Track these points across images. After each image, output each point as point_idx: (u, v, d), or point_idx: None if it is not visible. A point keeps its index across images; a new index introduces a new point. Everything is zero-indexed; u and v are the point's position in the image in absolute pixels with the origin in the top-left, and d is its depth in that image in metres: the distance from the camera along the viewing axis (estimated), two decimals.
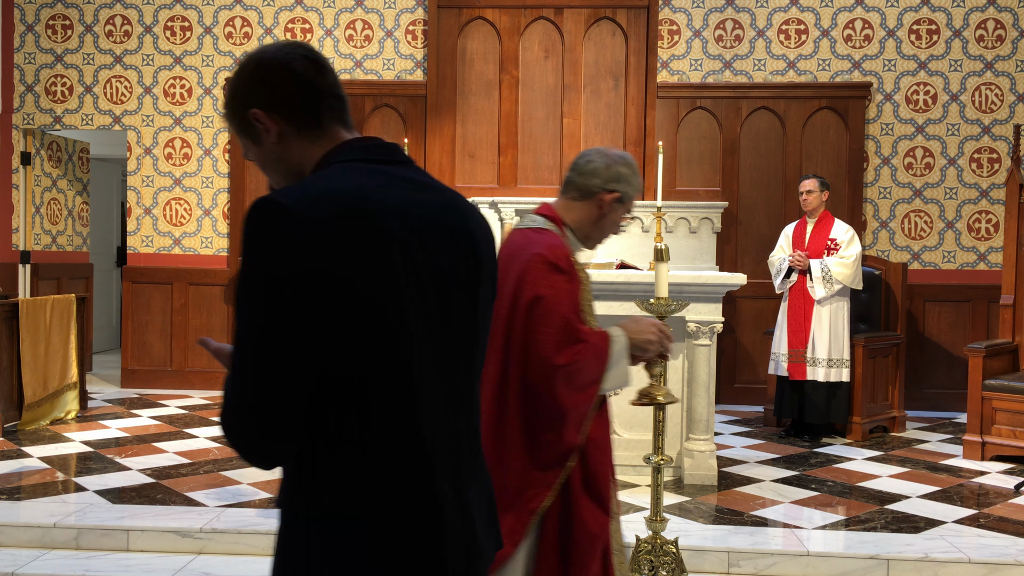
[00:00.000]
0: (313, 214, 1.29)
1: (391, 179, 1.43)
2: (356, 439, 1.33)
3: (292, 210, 1.29)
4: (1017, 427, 5.60)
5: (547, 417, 2.33)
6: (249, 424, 1.30)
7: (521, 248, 2.40)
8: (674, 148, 7.68)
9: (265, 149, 1.49)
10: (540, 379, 2.29)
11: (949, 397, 7.38)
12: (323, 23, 7.92)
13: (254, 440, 1.31)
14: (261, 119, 1.47)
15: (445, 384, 1.42)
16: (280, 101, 1.47)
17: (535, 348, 2.29)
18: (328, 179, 1.38)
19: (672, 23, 7.74)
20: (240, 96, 1.51)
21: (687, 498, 4.61)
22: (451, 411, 1.43)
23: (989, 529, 4.17)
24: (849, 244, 6.17)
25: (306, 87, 1.47)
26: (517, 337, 2.32)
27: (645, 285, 4.83)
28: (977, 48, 7.56)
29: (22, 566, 3.65)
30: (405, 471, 1.36)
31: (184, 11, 7.98)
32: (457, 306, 1.45)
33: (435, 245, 1.41)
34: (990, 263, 7.56)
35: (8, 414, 6.02)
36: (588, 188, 2.50)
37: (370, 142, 1.48)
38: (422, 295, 1.37)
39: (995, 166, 7.55)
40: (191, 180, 8.00)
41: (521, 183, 7.79)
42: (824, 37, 7.67)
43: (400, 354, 1.34)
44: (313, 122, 1.47)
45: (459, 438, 1.45)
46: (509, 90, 7.81)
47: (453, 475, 1.42)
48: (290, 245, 1.28)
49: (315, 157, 1.47)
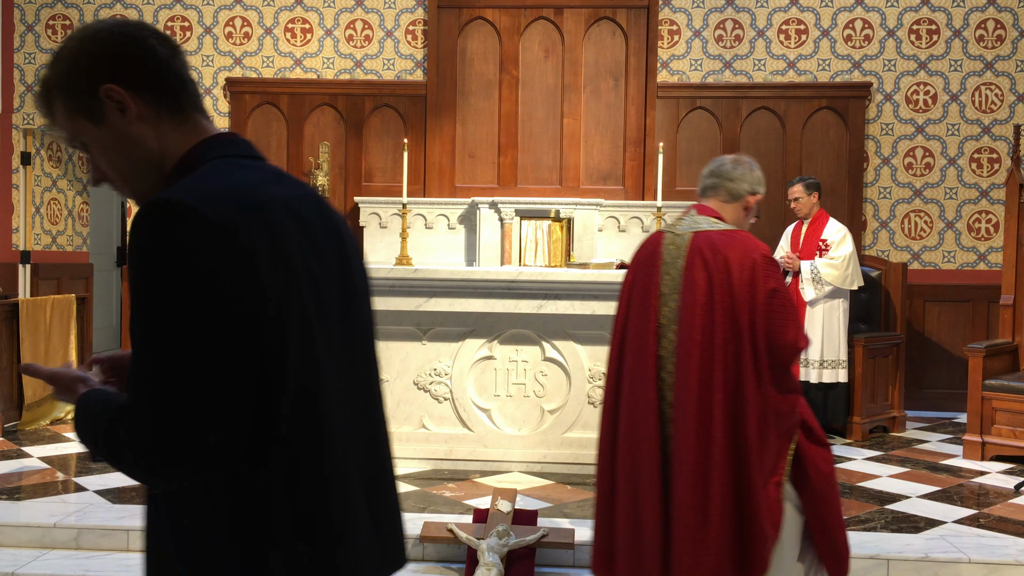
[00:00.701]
0: (220, 213, 1.20)
1: (266, 175, 1.36)
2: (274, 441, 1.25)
3: (198, 209, 1.19)
4: (1017, 427, 5.60)
5: (787, 390, 2.66)
6: (197, 443, 1.19)
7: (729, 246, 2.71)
8: (674, 148, 7.68)
9: (115, 132, 1.33)
10: (787, 360, 2.66)
11: (949, 397, 7.37)
12: (323, 23, 7.92)
13: (202, 459, 1.20)
14: (118, 95, 1.31)
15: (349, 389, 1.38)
16: (141, 79, 1.33)
17: (778, 334, 2.62)
18: (217, 176, 1.29)
19: (672, 23, 7.74)
20: (86, 69, 1.32)
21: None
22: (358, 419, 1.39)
23: (989, 529, 4.17)
24: (839, 245, 6.14)
25: (166, 67, 1.35)
26: (760, 325, 2.61)
27: None
28: (977, 48, 7.55)
29: (22, 566, 3.65)
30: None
31: (184, 11, 7.98)
32: (346, 299, 1.41)
33: (320, 243, 1.37)
34: (990, 263, 7.56)
35: (8, 414, 6.03)
36: (738, 192, 2.90)
37: (236, 137, 1.41)
38: (316, 290, 1.32)
39: (995, 166, 7.55)
40: None
41: (521, 183, 7.79)
42: (824, 37, 7.67)
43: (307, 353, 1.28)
44: (176, 106, 1.36)
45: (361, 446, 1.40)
46: (509, 90, 7.81)
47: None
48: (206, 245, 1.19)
49: (179, 146, 1.35)
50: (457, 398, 5.12)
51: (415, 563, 3.84)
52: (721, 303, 2.65)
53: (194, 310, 1.18)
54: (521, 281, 4.93)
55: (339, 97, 7.88)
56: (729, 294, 2.64)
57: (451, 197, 7.75)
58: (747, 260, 2.67)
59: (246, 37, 7.95)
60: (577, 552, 3.81)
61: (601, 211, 7.46)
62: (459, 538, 3.71)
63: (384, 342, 5.14)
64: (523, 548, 3.67)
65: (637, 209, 7.43)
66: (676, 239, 2.82)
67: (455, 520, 3.94)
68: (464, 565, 3.71)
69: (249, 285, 1.21)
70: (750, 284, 2.64)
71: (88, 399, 1.37)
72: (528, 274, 4.96)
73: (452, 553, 3.83)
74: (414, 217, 7.54)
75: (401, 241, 5.72)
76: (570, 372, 5.08)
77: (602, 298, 4.93)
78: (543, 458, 5.09)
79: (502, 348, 5.11)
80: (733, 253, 2.69)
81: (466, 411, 5.11)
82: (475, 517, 3.90)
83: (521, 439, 5.11)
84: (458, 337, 5.11)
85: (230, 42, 7.97)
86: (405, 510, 4.49)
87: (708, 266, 2.69)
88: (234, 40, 7.96)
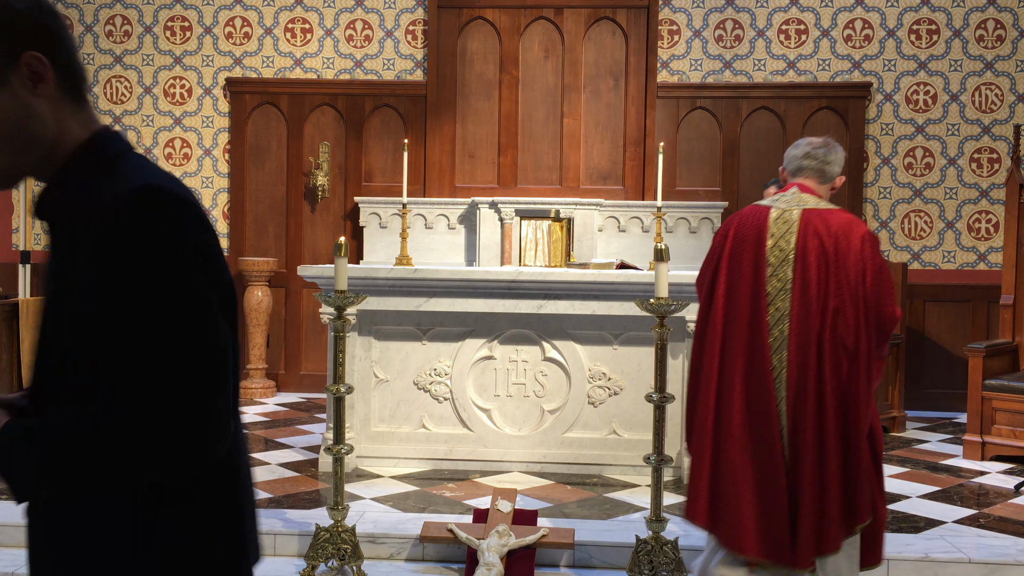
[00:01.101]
0: (191, 198, 1.24)
1: None
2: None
3: (179, 194, 1.22)
4: (1017, 427, 5.60)
5: (882, 357, 3.04)
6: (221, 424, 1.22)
7: (840, 224, 3.00)
8: (674, 148, 7.68)
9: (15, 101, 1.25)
10: (889, 329, 3.00)
11: (949, 397, 7.38)
12: (323, 23, 7.92)
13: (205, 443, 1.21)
14: (39, 66, 1.25)
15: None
16: (58, 56, 1.28)
17: (885, 306, 2.98)
18: (152, 168, 1.29)
19: (672, 23, 7.74)
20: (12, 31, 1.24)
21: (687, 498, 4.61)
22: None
23: (989, 529, 4.17)
24: None
25: (76, 51, 1.32)
26: (871, 297, 2.95)
27: (645, 285, 4.83)
28: (977, 48, 7.55)
29: (22, 566, 3.65)
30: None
31: (184, 11, 7.98)
32: None
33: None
34: (990, 263, 7.56)
35: None
36: (831, 174, 3.18)
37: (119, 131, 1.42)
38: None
39: (995, 166, 7.55)
40: (191, 180, 8.00)
41: (521, 183, 7.79)
42: (824, 37, 7.67)
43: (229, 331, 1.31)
44: (78, 92, 1.32)
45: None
46: (509, 90, 7.81)
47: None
48: (199, 228, 1.23)
49: (76, 133, 1.31)
50: (457, 398, 5.12)
51: (415, 563, 3.84)
52: (835, 275, 2.95)
53: (201, 290, 1.21)
54: (521, 281, 4.93)
55: (339, 97, 7.88)
56: (844, 268, 2.94)
57: (451, 197, 7.75)
58: (857, 237, 2.97)
59: (246, 37, 7.95)
60: (577, 552, 3.81)
61: (601, 211, 7.46)
62: (459, 538, 3.71)
63: (384, 342, 5.13)
64: (523, 548, 3.67)
65: (637, 209, 7.43)
66: (784, 214, 3.07)
67: (455, 520, 3.94)
68: (464, 565, 3.72)
69: (225, 271, 1.29)
70: (861, 259, 2.94)
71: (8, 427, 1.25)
72: (528, 274, 4.96)
73: (452, 553, 3.84)
74: (414, 217, 7.54)
75: (401, 241, 5.72)
76: (570, 372, 5.08)
77: (602, 298, 4.93)
78: (543, 458, 5.09)
79: (502, 348, 5.11)
80: (845, 230, 2.99)
81: (466, 411, 5.11)
82: (475, 517, 3.90)
83: (521, 439, 5.11)
84: (458, 337, 5.11)
85: (230, 42, 7.97)
86: (405, 510, 4.48)
87: (822, 241, 2.98)
88: (234, 40, 7.96)
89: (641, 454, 5.01)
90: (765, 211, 3.11)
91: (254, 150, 7.96)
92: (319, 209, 7.91)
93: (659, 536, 3.53)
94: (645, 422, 5.00)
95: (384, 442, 5.13)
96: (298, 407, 7.20)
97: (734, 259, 3.10)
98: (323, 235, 7.92)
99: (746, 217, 3.15)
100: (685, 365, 4.97)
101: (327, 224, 7.91)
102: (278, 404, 7.32)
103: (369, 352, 5.12)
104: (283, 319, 7.93)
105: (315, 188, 7.83)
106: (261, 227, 7.97)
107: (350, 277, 4.86)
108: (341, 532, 3.60)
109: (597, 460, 5.07)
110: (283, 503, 4.36)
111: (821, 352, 2.93)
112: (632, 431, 5.06)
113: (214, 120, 8.00)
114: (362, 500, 4.43)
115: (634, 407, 5.06)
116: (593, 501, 4.51)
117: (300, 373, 7.92)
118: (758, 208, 3.14)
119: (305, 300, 7.92)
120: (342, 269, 3.58)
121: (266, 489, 4.64)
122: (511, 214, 7.32)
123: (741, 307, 3.05)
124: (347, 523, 3.68)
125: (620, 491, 4.71)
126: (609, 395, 5.08)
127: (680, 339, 4.93)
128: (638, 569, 3.50)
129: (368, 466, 5.12)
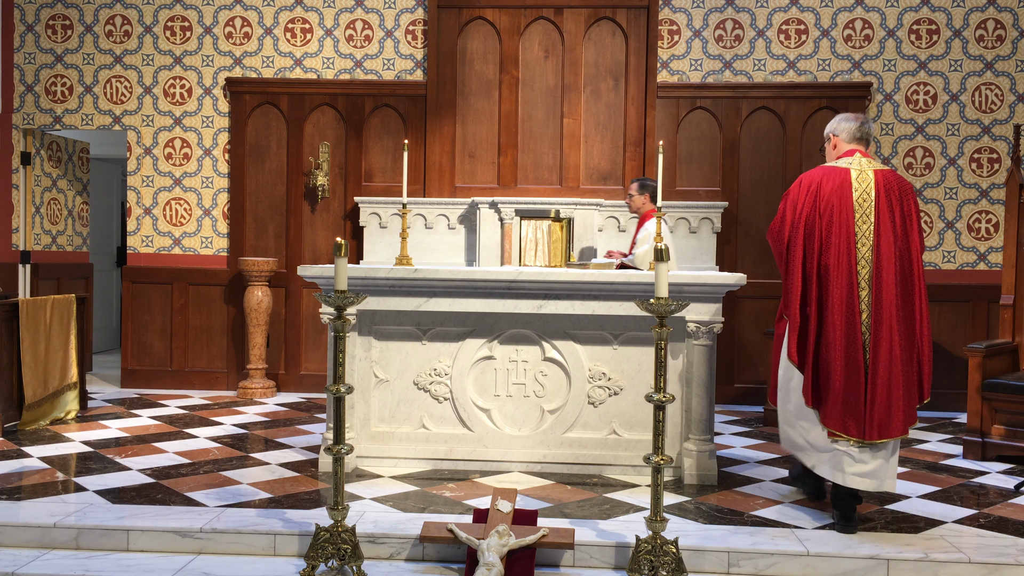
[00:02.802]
0: None
1: None
2: None
3: None
4: (1017, 427, 5.60)
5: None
6: None
7: (898, 180, 4.11)
8: (674, 148, 7.69)
9: None
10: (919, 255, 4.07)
11: (949, 397, 7.38)
12: (323, 23, 7.92)
13: None
14: None
15: None
16: None
17: (917, 244, 4.06)
18: None
19: (672, 23, 7.74)
20: None
21: (687, 498, 4.61)
22: None
23: (989, 529, 4.17)
24: (641, 243, 6.32)
25: None
26: (918, 238, 4.06)
27: (645, 285, 4.83)
28: (977, 48, 7.55)
29: (22, 566, 3.65)
30: None
31: (184, 11, 7.98)
32: None
33: None
34: (990, 263, 7.56)
35: (8, 414, 6.03)
36: (871, 142, 4.25)
37: None
38: None
39: (995, 166, 7.55)
40: (191, 180, 8.00)
41: (521, 183, 7.80)
42: (824, 37, 7.67)
43: None
44: None
45: None
46: (509, 90, 7.81)
47: None
48: None
49: None
50: (457, 398, 5.12)
51: (415, 563, 3.84)
52: (900, 222, 4.03)
53: None
54: (521, 281, 4.93)
55: (339, 97, 7.89)
56: (907, 214, 4.05)
57: (451, 197, 7.75)
58: (908, 190, 4.10)
59: (246, 37, 7.95)
60: (577, 552, 3.81)
61: (601, 211, 7.46)
62: (459, 538, 3.71)
63: (384, 342, 5.13)
64: (523, 548, 3.67)
65: None
66: (862, 174, 4.08)
67: (455, 520, 3.94)
68: (464, 565, 3.71)
69: None
70: (915, 208, 4.10)
71: None
72: (528, 274, 4.96)
73: (452, 553, 3.83)
74: (414, 217, 7.54)
75: (401, 241, 5.71)
76: (570, 372, 5.07)
77: (602, 298, 4.93)
78: (543, 458, 5.09)
79: (502, 348, 5.10)
80: (903, 185, 4.10)
81: (466, 411, 5.11)
82: (475, 517, 3.90)
83: (521, 439, 5.11)
84: (458, 337, 5.11)
85: (230, 42, 7.97)
86: (405, 510, 4.48)
87: (891, 194, 4.04)
88: (234, 40, 7.96)
89: (641, 454, 5.01)
90: (844, 172, 4.08)
91: (254, 150, 7.96)
92: (319, 209, 7.91)
93: (659, 536, 3.53)
94: (645, 422, 5.00)
95: (384, 442, 5.13)
96: (298, 407, 7.20)
97: (827, 207, 4.03)
98: (323, 235, 7.93)
99: (828, 176, 4.08)
100: (685, 365, 4.97)
101: (327, 224, 7.92)
102: (278, 404, 7.32)
103: (369, 352, 5.12)
104: (283, 319, 7.93)
105: (315, 188, 7.83)
106: (261, 227, 7.97)
107: (350, 277, 4.85)
108: (341, 532, 3.60)
109: (597, 460, 5.06)
110: (283, 503, 4.36)
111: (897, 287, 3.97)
112: (632, 431, 5.06)
113: (214, 120, 8.00)
114: (362, 500, 4.43)
115: (634, 407, 5.06)
116: (593, 501, 4.51)
117: (300, 373, 7.92)
118: (834, 169, 4.10)
119: (305, 300, 7.92)
120: (342, 269, 3.59)
121: (266, 489, 4.64)
122: (511, 214, 7.32)
123: (836, 252, 3.99)
124: (347, 523, 3.68)
125: (620, 491, 4.71)
126: (609, 395, 5.08)
127: (680, 339, 4.93)
128: (638, 569, 3.50)
129: (368, 466, 5.11)
